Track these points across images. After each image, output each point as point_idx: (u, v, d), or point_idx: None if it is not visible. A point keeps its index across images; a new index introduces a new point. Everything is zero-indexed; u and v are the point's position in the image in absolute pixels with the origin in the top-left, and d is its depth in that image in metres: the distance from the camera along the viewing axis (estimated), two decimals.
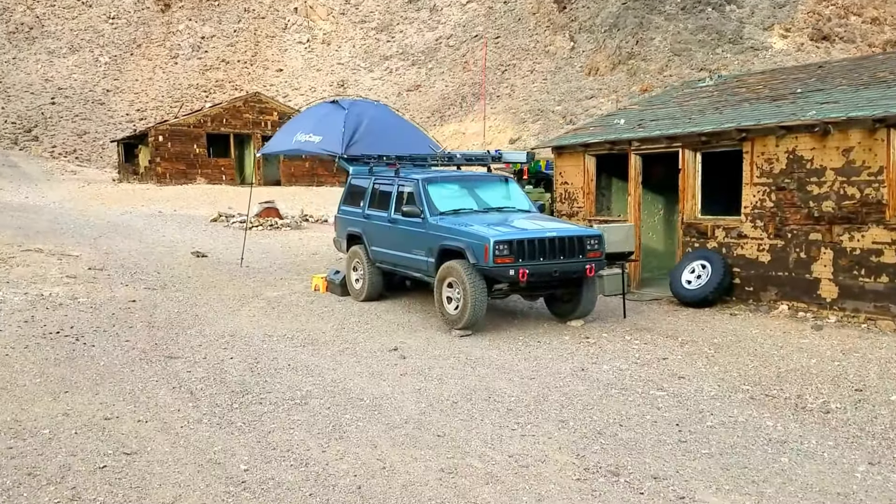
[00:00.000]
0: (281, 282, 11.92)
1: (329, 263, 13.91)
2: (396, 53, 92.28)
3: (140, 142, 34.00)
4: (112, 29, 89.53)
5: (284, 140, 12.17)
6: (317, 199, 28.04)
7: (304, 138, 11.35)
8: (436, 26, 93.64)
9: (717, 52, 59.52)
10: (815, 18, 60.78)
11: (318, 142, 11.14)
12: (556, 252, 8.22)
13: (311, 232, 19.40)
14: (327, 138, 11.05)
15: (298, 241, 17.61)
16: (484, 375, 6.86)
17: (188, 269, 12.97)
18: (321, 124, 11.40)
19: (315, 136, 11.18)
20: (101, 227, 18.83)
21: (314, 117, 11.89)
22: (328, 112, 11.67)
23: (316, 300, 10.49)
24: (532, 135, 66.38)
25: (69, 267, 12.53)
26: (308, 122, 11.78)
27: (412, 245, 9.14)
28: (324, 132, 11.16)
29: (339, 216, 10.97)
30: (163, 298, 10.40)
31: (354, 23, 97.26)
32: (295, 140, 11.57)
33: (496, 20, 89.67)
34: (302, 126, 11.71)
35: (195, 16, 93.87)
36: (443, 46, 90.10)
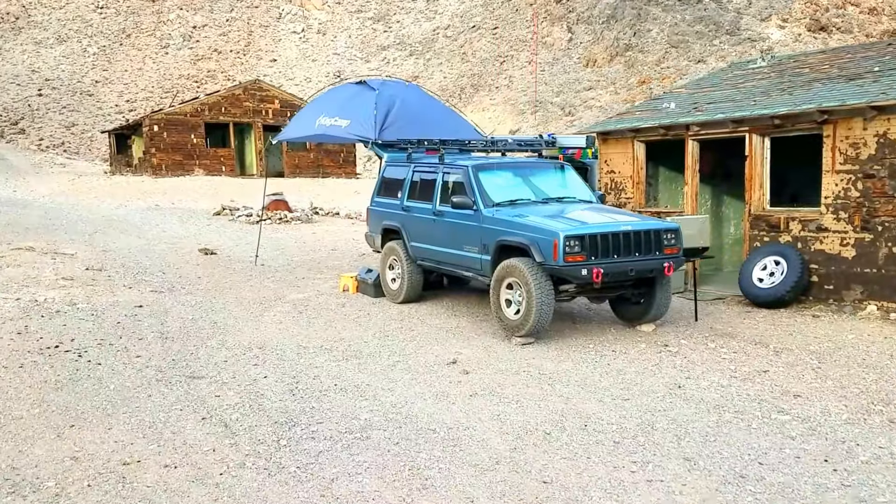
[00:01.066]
0: (303, 282, 10.80)
1: (351, 260, 12.80)
2: (393, 44, 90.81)
3: (133, 132, 32.60)
4: (101, 18, 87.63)
5: (305, 125, 11.02)
6: (323, 190, 26.86)
7: (328, 122, 10.21)
8: (433, 16, 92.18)
9: (715, 43, 58.58)
10: (812, 9, 59.83)
11: (346, 126, 10.01)
12: (632, 248, 7.15)
13: (323, 225, 18.26)
14: (357, 122, 9.92)
15: (312, 235, 16.47)
16: (567, 396, 5.79)
17: (197, 269, 11.83)
18: (348, 107, 10.26)
19: (342, 120, 10.05)
20: (95, 223, 17.63)
21: (339, 99, 10.75)
22: (355, 93, 10.54)
23: (347, 302, 9.39)
24: (531, 126, 65.25)
25: (64, 267, 11.36)
26: (332, 104, 10.63)
27: (462, 241, 8.05)
28: (352, 115, 10.03)
29: (372, 209, 9.85)
30: (173, 303, 9.27)
31: (350, 13, 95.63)
32: (318, 124, 10.43)
33: (494, 11, 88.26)
34: (325, 109, 10.56)
35: (186, 5, 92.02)
36: (440, 37, 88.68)
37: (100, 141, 70.60)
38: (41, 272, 10.77)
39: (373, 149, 9.84)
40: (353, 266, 12.12)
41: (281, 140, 11.94)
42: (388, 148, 9.75)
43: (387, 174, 9.69)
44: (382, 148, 9.79)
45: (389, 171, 9.66)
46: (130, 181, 27.42)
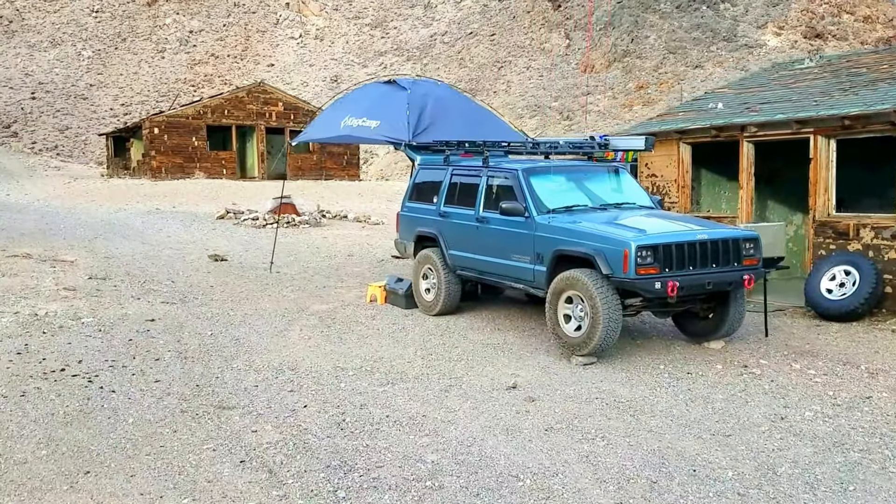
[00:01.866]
0: (324, 291, 9.99)
1: (371, 267, 12.00)
2: (391, 49, 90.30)
3: (132, 135, 31.71)
4: (96, 22, 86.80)
5: (328, 126, 10.22)
6: (328, 193, 26.06)
7: (356, 123, 9.42)
8: (430, 23, 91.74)
9: (712, 49, 58.31)
10: (808, 16, 59.62)
11: (376, 127, 9.22)
12: (709, 259, 6.39)
13: (334, 230, 17.46)
14: (388, 123, 9.15)
15: (323, 240, 15.67)
16: (658, 430, 5.01)
17: (208, 277, 11.01)
18: (378, 107, 9.49)
19: (371, 121, 9.26)
20: (95, 227, 16.79)
21: (367, 99, 9.96)
22: (385, 93, 9.76)
23: (377, 315, 8.59)
24: (530, 130, 64.71)
25: (65, 276, 10.54)
26: (359, 104, 9.84)
27: (512, 249, 7.27)
28: (382, 116, 9.25)
29: (403, 214, 9.06)
30: (187, 316, 8.46)
31: (348, 18, 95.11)
32: (344, 125, 9.63)
33: (491, 18, 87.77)
34: (351, 109, 9.77)
35: (183, 9, 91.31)
36: (438, 43, 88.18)
37: (94, 144, 69.68)
38: (40, 282, 9.95)
39: (405, 151, 9.07)
40: (373, 274, 11.33)
41: (302, 141, 11.13)
42: (420, 150, 8.97)
43: (420, 178, 8.91)
44: (415, 150, 9.01)
45: (423, 175, 8.88)
46: (129, 184, 26.55)
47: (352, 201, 24.97)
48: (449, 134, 8.90)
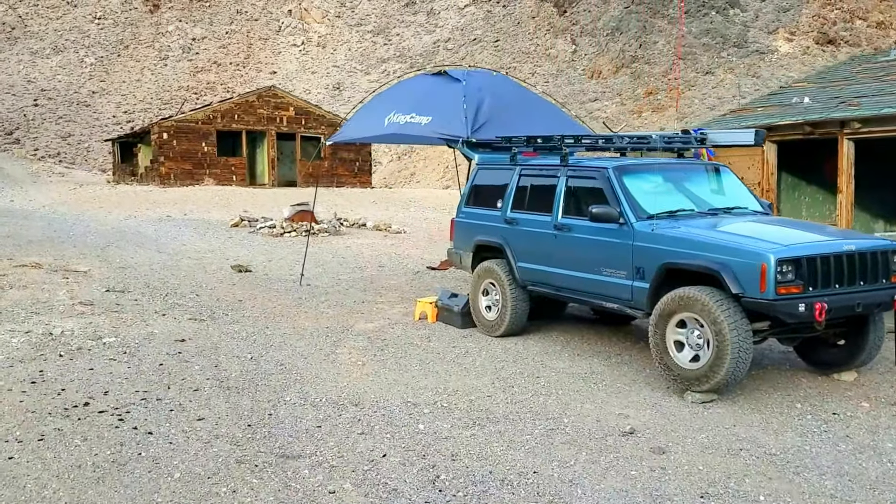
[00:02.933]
0: (364, 307, 8.99)
1: (408, 280, 10.99)
2: (394, 56, 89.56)
3: (140, 140, 30.73)
4: (98, 29, 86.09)
5: (370, 124, 9.24)
6: (340, 200, 25.07)
7: (403, 119, 8.44)
8: (433, 30, 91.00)
9: (723, 55, 57.44)
10: (819, 22, 58.85)
11: (428, 123, 8.25)
12: (857, 275, 5.40)
13: (355, 238, 16.46)
14: (441, 119, 8.18)
15: (347, 249, 14.67)
16: (841, 496, 4.01)
17: (234, 290, 10.02)
18: (428, 101, 8.52)
19: (421, 117, 8.28)
20: (105, 235, 15.80)
21: (414, 93, 8.99)
22: (436, 86, 8.79)
23: (432, 335, 7.59)
24: None
25: (80, 288, 9.55)
26: (405, 99, 8.86)
27: (601, 262, 6.28)
28: (434, 111, 8.27)
29: (460, 221, 8.06)
30: (220, 335, 7.47)
31: (350, 26, 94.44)
32: (389, 122, 8.65)
33: (495, 24, 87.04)
34: (396, 105, 8.79)
35: (185, 17, 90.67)
36: (441, 50, 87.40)
37: (96, 151, 68.81)
38: (53, 295, 8.95)
39: (461, 149, 8.08)
40: (412, 287, 10.34)
41: (340, 141, 10.11)
42: (479, 148, 8.00)
43: (479, 179, 7.92)
44: (473, 148, 8.03)
45: (482, 176, 7.89)
46: (137, 191, 25.56)
47: (366, 209, 23.99)
48: (509, 129, 7.92)
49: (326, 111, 31.07)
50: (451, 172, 71.70)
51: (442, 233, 18.30)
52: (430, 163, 69.01)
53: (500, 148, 7.82)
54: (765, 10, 62.50)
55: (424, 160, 66.20)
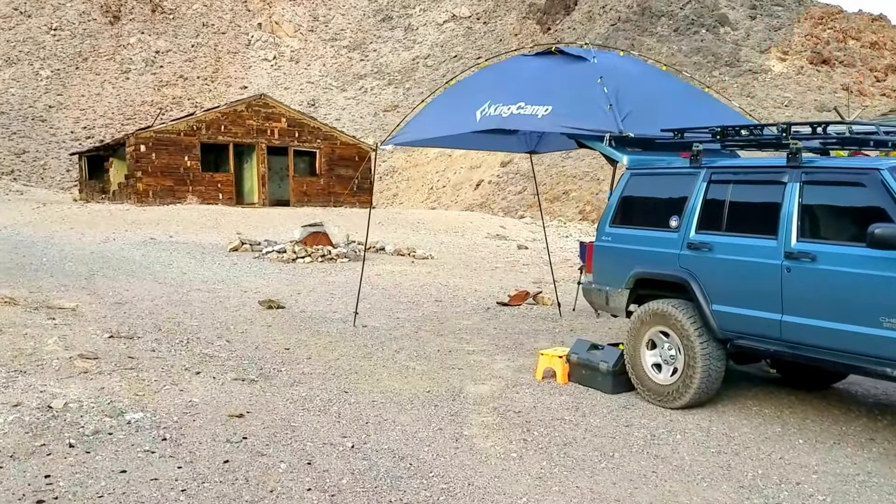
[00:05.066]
0: (456, 359, 6.91)
1: (485, 320, 8.91)
2: (371, 72, 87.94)
3: (112, 154, 28.07)
4: (55, 41, 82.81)
5: (450, 119, 7.18)
6: (341, 221, 22.81)
7: (506, 111, 6.38)
8: (412, 46, 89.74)
9: (715, 74, 56.84)
10: (812, 41, 58.68)
11: (547, 115, 6.21)
12: None
13: (382, 265, 14.34)
14: (566, 108, 6.17)
15: (380, 278, 12.56)
16: None
17: (272, 334, 7.86)
18: (540, 87, 6.51)
19: (535, 107, 6.25)
20: (86, 261, 13.46)
21: (516, 78, 6.92)
22: (547, 68, 6.77)
23: (578, 404, 5.56)
24: (524, 157, 62.56)
25: (74, 333, 7.31)
26: (503, 86, 6.79)
27: (876, 308, 4.34)
28: (554, 99, 6.25)
29: (603, 246, 6.04)
30: (286, 405, 5.37)
31: (324, 40, 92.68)
32: (483, 116, 6.60)
33: (476, 41, 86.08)
34: (490, 94, 6.71)
35: (148, 29, 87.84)
36: (420, 66, 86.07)
37: (53, 169, 65.43)
38: (40, 343, 6.72)
39: (604, 149, 6.06)
40: (498, 329, 8.30)
41: (406, 143, 8.00)
42: (628, 147, 6.02)
43: (633, 189, 5.94)
44: (620, 147, 6.03)
45: (639, 185, 5.91)
46: (112, 210, 23.03)
47: (373, 231, 21.87)
48: (661, 123, 5.98)
49: (322, 123, 28.80)
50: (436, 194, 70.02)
51: (480, 259, 16.30)
52: (414, 184, 67.10)
53: (666, 146, 5.88)
54: (756, 29, 62.24)
55: (408, 181, 64.26)
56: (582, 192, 58.42)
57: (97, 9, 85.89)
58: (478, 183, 62.72)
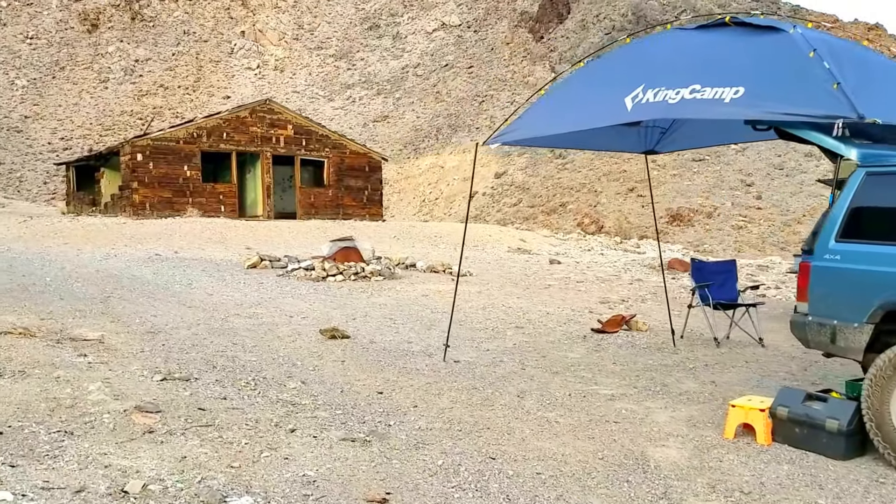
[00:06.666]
0: (598, 407, 5.63)
1: (591, 349, 7.65)
2: (359, 82, 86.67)
3: (104, 164, 26.43)
4: (31, 49, 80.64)
5: (587, 110, 5.88)
6: (355, 235, 21.52)
7: (675, 96, 5.13)
8: (401, 54, 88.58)
9: None
10: None
11: (739, 98, 4.82)
12: None
13: (423, 283, 13.04)
14: (763, 89, 4.91)
15: (427, 299, 11.28)
16: None
17: (350, 370, 6.55)
18: (720, 66, 5.25)
19: (715, 89, 4.97)
20: (94, 280, 12.02)
21: (679, 56, 5.61)
22: (727, 42, 5.42)
23: (815, 477, 4.32)
24: (519, 168, 61.72)
25: (116, 374, 5.96)
26: (661, 66, 5.50)
27: None
28: (743, 79, 4.96)
29: (828, 266, 4.79)
30: (427, 479, 4.11)
31: (310, 49, 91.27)
32: (637, 105, 5.32)
33: (467, 49, 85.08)
34: (641, 77, 5.42)
35: (127, 37, 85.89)
36: (410, 75, 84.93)
37: (30, 181, 63.30)
38: (80, 389, 5.38)
39: (827, 142, 4.74)
40: (617, 362, 7.06)
41: (512, 142, 6.69)
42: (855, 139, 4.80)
43: (868, 194, 4.68)
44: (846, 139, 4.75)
45: (877, 187, 4.65)
46: (107, 224, 21.46)
47: (389, 245, 20.60)
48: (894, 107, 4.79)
49: (331, 131, 27.39)
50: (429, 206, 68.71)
51: (521, 276, 15.02)
52: (405, 196, 65.87)
53: None
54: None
55: (399, 193, 63.01)
56: (580, 205, 57.57)
57: (75, 17, 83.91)
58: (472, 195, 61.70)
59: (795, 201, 43.55)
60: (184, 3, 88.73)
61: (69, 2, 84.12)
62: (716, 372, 6.57)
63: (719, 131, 6.98)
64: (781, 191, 44.59)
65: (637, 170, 58.12)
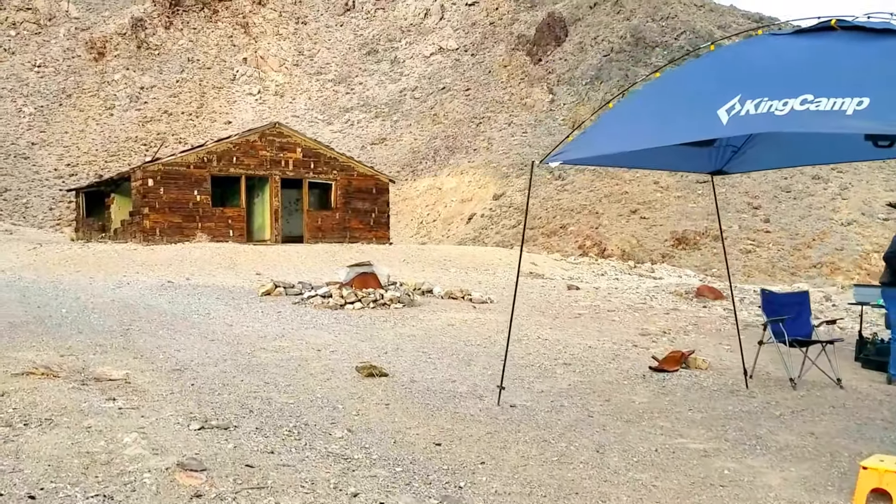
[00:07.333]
0: (686, 462, 5.18)
1: (656, 392, 7.21)
2: (357, 105, 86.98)
3: (114, 189, 26.15)
4: (38, 78, 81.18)
5: (661, 125, 5.29)
6: (363, 259, 21.19)
7: (783, 108, 4.55)
8: (398, 78, 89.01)
9: None
10: None
11: (862, 111, 4.34)
12: None
13: (444, 311, 12.61)
14: (892, 98, 4.51)
15: (453, 329, 10.86)
16: None
17: (399, 416, 6.12)
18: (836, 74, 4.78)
19: (833, 100, 4.47)
20: (110, 311, 11.65)
21: (783, 64, 5.05)
22: (841, 48, 4.91)
23: None
24: (518, 190, 61.51)
25: (150, 421, 5.55)
26: (760, 74, 4.96)
27: None
28: (867, 88, 4.44)
29: None
30: None
31: (309, 74, 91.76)
32: (734, 117, 4.67)
33: (464, 73, 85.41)
34: (736, 86, 4.81)
35: (132, 65, 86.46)
36: (408, 98, 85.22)
37: (35, 207, 63.23)
38: (114, 441, 4.97)
39: None
40: (693, 411, 6.58)
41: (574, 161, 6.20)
42: None
43: None
44: None
45: None
46: (118, 250, 21.09)
47: (400, 269, 20.22)
48: None
49: (339, 153, 27.14)
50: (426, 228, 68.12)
51: (545, 304, 14.54)
52: (403, 218, 65.59)
53: None
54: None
55: (396, 215, 62.81)
56: (580, 227, 57.28)
57: (82, 45, 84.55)
58: (470, 216, 61.39)
59: (804, 225, 43.10)
60: (188, 31, 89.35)
61: (77, 31, 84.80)
62: (807, 420, 6.13)
63: (809, 149, 6.42)
64: (789, 214, 44.21)
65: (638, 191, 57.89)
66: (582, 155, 5.95)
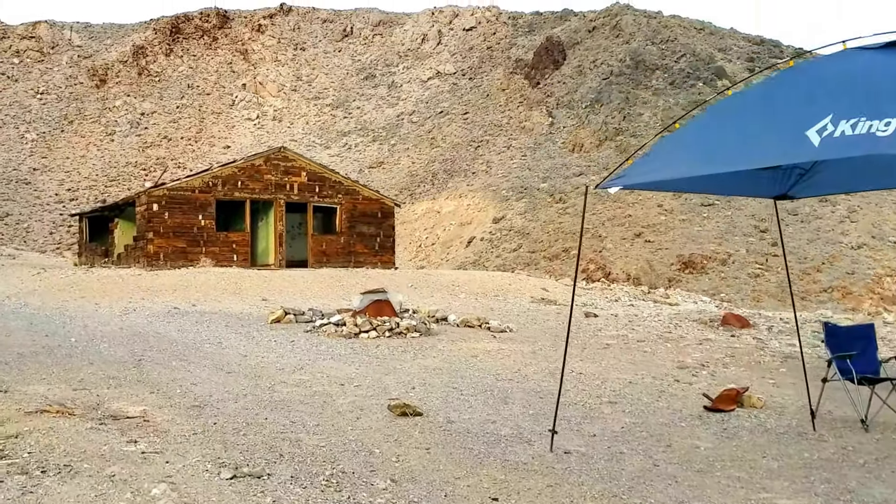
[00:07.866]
0: None
1: (718, 436, 6.73)
2: (355, 129, 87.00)
3: (118, 214, 25.77)
4: (41, 104, 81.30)
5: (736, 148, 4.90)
6: (370, 284, 20.76)
7: (884, 128, 4.20)
8: (396, 102, 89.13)
9: None
10: None
11: None
12: None
13: (464, 341, 12.15)
14: None
15: (477, 360, 10.42)
16: None
17: (444, 464, 5.68)
18: None
19: None
20: (120, 340, 11.21)
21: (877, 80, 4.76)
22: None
23: None
24: (518, 213, 61.18)
25: (177, 468, 5.13)
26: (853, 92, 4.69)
27: None
28: None
29: None
30: None
31: (307, 99, 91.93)
32: (827, 139, 4.29)
33: (462, 96, 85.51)
34: (824, 105, 4.62)
35: (133, 91, 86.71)
36: (405, 122, 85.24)
37: (36, 232, 62.85)
38: (140, 493, 4.59)
39: None
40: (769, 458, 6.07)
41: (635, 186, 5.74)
42: None
43: None
44: None
45: None
46: (122, 275, 20.65)
47: (407, 295, 19.78)
48: None
49: (344, 177, 26.84)
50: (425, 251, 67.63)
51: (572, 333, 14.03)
52: (401, 241, 65.08)
53: None
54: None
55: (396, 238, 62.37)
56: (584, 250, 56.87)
57: (84, 72, 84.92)
58: (469, 240, 60.94)
59: (812, 248, 42.65)
60: (188, 58, 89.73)
61: (79, 58, 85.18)
62: None
63: (885, 171, 6.05)
64: (797, 238, 43.76)
65: (642, 214, 57.59)
66: (646, 179, 5.53)
